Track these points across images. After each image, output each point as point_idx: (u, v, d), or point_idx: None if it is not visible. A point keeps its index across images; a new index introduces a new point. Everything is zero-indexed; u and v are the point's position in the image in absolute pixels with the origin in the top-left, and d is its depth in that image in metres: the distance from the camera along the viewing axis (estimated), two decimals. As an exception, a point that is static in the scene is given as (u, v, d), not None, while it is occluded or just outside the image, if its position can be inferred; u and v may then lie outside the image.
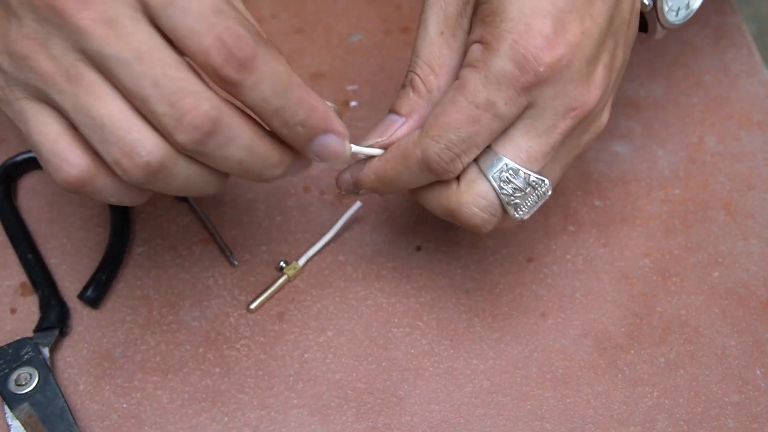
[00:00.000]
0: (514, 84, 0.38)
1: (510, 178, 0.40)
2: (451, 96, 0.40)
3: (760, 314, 0.50)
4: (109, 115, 0.35)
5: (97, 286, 0.49)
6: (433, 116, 0.40)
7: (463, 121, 0.39)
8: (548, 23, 0.38)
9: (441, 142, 0.39)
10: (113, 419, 0.46)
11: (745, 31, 0.61)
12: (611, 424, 0.47)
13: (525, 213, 0.41)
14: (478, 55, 0.39)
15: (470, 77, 0.39)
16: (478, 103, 0.39)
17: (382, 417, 0.47)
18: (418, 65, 0.42)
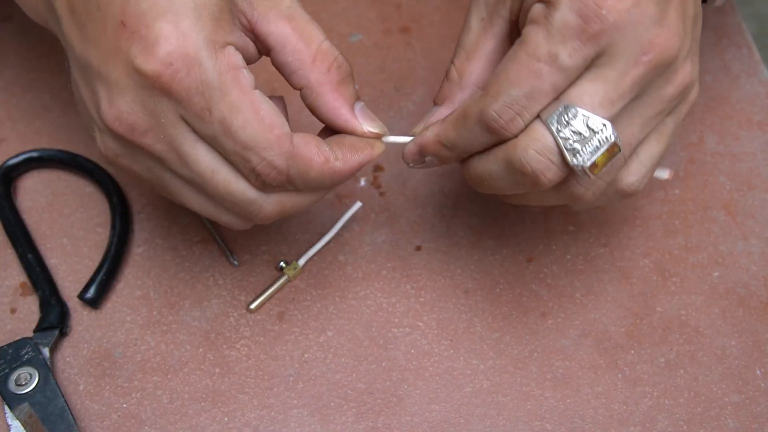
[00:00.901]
0: (579, 34, 0.37)
1: (568, 121, 0.38)
2: (511, 52, 0.39)
3: (760, 314, 0.50)
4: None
5: (97, 286, 0.49)
6: (493, 74, 0.39)
7: (523, 75, 0.38)
8: None
9: (500, 99, 0.38)
10: (113, 419, 0.46)
11: (745, 31, 0.61)
12: (611, 424, 0.47)
13: (584, 160, 0.38)
14: (539, 13, 0.38)
15: (531, 32, 0.38)
16: (539, 56, 0.37)
17: (382, 417, 0.47)
18: (456, 54, 0.43)
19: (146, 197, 0.54)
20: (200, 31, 0.37)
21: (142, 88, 0.37)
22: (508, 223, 0.53)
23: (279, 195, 0.41)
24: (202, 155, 0.39)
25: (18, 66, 0.59)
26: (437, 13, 0.62)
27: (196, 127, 0.38)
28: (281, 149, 0.38)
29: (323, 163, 0.40)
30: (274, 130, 0.38)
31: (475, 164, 0.42)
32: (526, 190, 0.41)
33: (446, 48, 0.60)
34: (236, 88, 0.38)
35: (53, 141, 0.56)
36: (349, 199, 0.54)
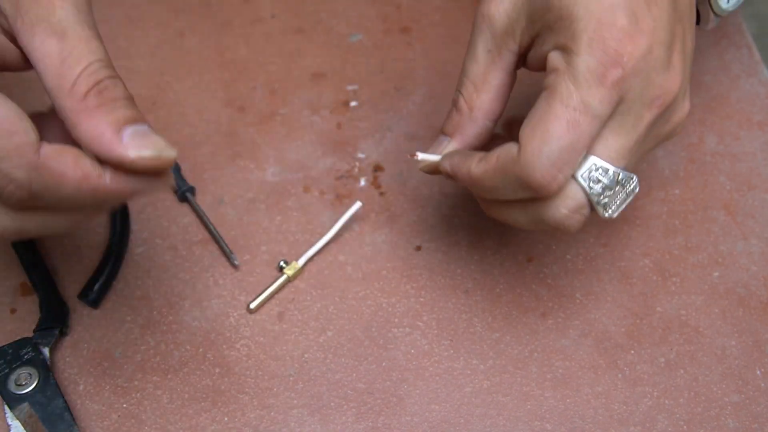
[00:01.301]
0: (603, 80, 0.37)
1: (600, 177, 0.39)
2: (544, 105, 0.38)
3: (760, 314, 0.50)
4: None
5: (97, 286, 0.49)
6: (528, 129, 0.38)
7: (563, 127, 0.37)
8: (621, 15, 0.37)
9: (543, 156, 0.38)
10: (113, 419, 0.46)
11: (745, 31, 0.61)
12: (611, 424, 0.47)
13: (614, 211, 0.40)
14: (560, 60, 0.38)
15: (558, 82, 0.38)
16: (574, 105, 0.37)
17: (382, 417, 0.47)
18: (463, 84, 0.43)
19: (146, 197, 0.54)
20: None
21: None
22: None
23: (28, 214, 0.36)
24: None
25: (18, 66, 0.59)
26: (437, 13, 0.62)
27: None
28: (21, 160, 0.33)
29: (80, 179, 0.34)
30: (12, 138, 0.33)
31: (499, 210, 0.43)
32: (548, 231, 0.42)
33: (446, 48, 0.60)
34: None
35: (53, 141, 0.56)
36: (349, 199, 0.54)
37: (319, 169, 0.55)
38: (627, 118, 0.39)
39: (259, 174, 0.55)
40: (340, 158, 0.56)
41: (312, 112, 0.58)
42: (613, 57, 0.37)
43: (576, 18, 0.38)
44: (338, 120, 0.57)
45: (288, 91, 0.59)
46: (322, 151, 0.56)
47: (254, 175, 0.55)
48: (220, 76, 0.59)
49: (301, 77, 0.59)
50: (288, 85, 0.59)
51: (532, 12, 0.40)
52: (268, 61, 0.60)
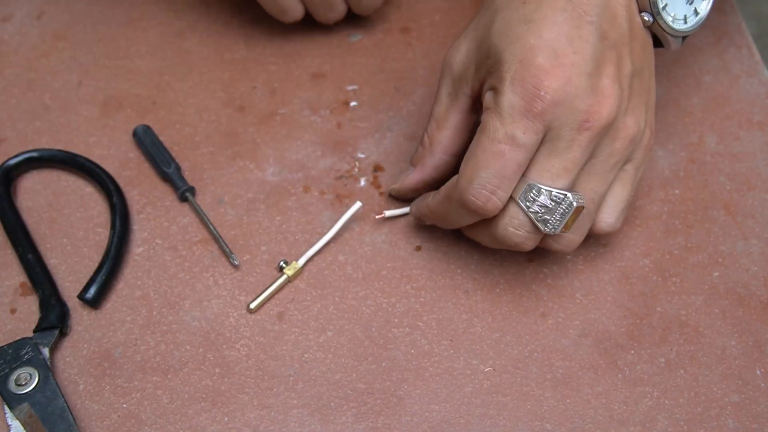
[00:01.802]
0: (526, 113, 0.42)
1: (534, 197, 0.43)
2: (475, 140, 0.44)
3: (760, 314, 0.50)
4: None
5: (97, 286, 0.49)
6: (464, 161, 0.44)
7: (489, 157, 0.43)
8: (541, 54, 0.42)
9: (474, 182, 0.43)
10: (113, 419, 0.46)
11: (745, 31, 0.61)
12: (611, 424, 0.47)
13: (555, 227, 0.44)
14: (491, 100, 0.43)
15: (488, 118, 0.43)
16: (499, 138, 0.42)
17: (382, 417, 0.47)
18: (429, 123, 0.50)
19: (146, 197, 0.54)
20: None
21: None
22: (508, 223, 0.53)
23: None
24: None
25: (18, 66, 0.59)
26: (437, 13, 0.62)
27: None
28: None
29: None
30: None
31: (470, 232, 0.49)
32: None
33: (446, 48, 0.60)
34: None
35: (53, 141, 0.56)
36: (349, 199, 0.54)
37: (319, 169, 0.55)
38: (557, 142, 0.43)
39: (259, 174, 0.55)
40: (340, 158, 0.56)
41: (312, 112, 0.58)
42: (532, 93, 0.42)
43: (503, 61, 0.43)
44: (338, 120, 0.57)
45: (288, 91, 0.59)
46: (322, 151, 0.56)
47: (254, 175, 0.55)
48: (220, 76, 0.59)
49: (301, 77, 0.59)
50: (288, 85, 0.59)
51: (478, 59, 0.45)
52: (268, 61, 0.60)
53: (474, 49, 0.46)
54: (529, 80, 0.42)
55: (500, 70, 0.43)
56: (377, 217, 0.52)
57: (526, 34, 0.42)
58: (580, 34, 0.42)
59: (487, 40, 0.44)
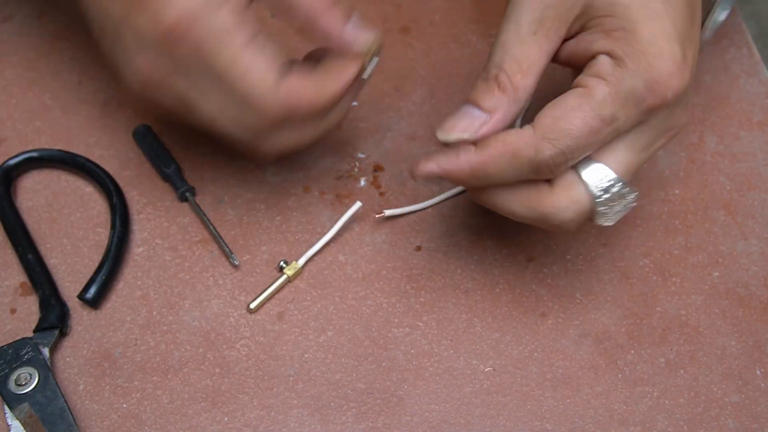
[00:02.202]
0: (640, 104, 0.39)
1: (609, 188, 0.41)
2: (575, 102, 0.39)
3: (760, 314, 0.50)
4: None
5: (97, 286, 0.49)
6: (551, 119, 0.39)
7: (585, 129, 0.39)
8: (677, 49, 0.39)
9: (558, 147, 0.39)
10: (113, 419, 0.46)
11: (745, 31, 0.61)
12: (611, 424, 0.47)
13: (610, 220, 0.42)
14: (608, 68, 0.39)
15: (600, 89, 0.39)
16: (603, 116, 0.39)
17: (382, 417, 0.47)
18: (505, 62, 0.41)
19: (146, 197, 0.54)
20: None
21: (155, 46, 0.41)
22: (508, 223, 0.53)
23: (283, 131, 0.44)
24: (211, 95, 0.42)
25: (18, 66, 0.59)
26: (437, 13, 0.62)
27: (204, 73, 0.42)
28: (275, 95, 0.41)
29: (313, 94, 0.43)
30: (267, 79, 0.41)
31: (496, 199, 0.43)
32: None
33: (446, 48, 0.60)
34: (233, 43, 0.41)
35: (53, 141, 0.56)
36: (349, 199, 0.54)
37: (319, 169, 0.55)
38: (642, 139, 0.41)
39: (259, 174, 0.55)
40: (340, 158, 0.56)
41: (312, 112, 0.58)
42: (659, 88, 0.39)
43: (639, 38, 0.39)
44: (338, 120, 0.57)
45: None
46: (322, 151, 0.56)
47: (254, 175, 0.55)
48: (220, 76, 0.59)
49: (301, 77, 0.59)
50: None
51: (590, 7, 0.40)
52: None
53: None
54: (663, 74, 0.39)
55: (634, 45, 0.39)
56: (377, 216, 0.52)
57: (664, 16, 0.39)
58: (694, 37, 0.40)
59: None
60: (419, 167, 0.43)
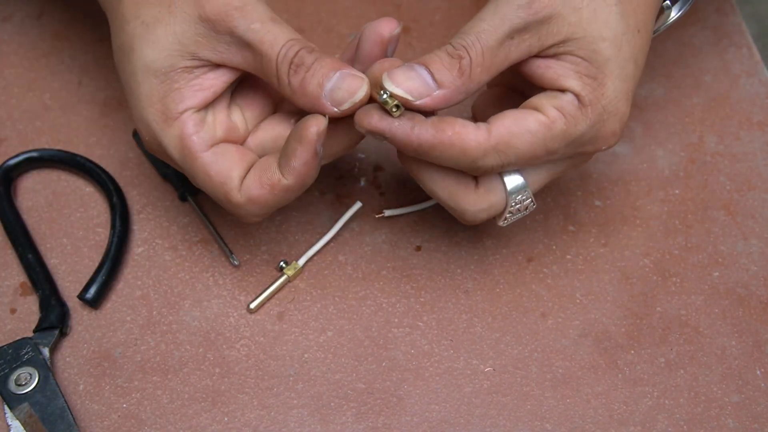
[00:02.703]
0: (579, 148, 0.43)
1: (522, 200, 0.44)
2: (533, 127, 0.41)
3: (760, 314, 0.50)
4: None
5: (97, 286, 0.49)
6: (508, 134, 0.41)
7: (530, 153, 0.42)
8: (627, 111, 0.43)
9: (503, 159, 0.42)
10: (113, 419, 0.46)
11: (745, 31, 0.61)
12: (611, 424, 0.47)
13: (507, 224, 0.46)
14: (572, 109, 0.42)
15: (558, 124, 0.41)
16: (550, 148, 0.42)
17: (382, 417, 0.47)
18: (474, 49, 0.41)
19: (146, 197, 0.54)
20: (150, 107, 0.43)
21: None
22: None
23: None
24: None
25: (18, 66, 0.59)
26: (437, 13, 0.62)
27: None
28: (233, 200, 0.43)
29: (270, 192, 0.43)
30: (223, 187, 0.43)
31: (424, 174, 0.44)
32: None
33: (446, 48, 0.60)
34: (188, 155, 0.43)
35: (53, 141, 0.56)
36: (349, 199, 0.54)
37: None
38: (560, 169, 0.45)
39: (259, 174, 0.55)
40: (340, 158, 0.56)
41: (312, 112, 0.58)
42: (600, 143, 0.43)
43: (605, 92, 0.42)
44: (338, 120, 0.57)
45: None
46: (322, 151, 0.56)
47: (254, 175, 0.55)
48: (220, 76, 0.59)
49: (301, 77, 0.59)
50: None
51: (572, 41, 0.41)
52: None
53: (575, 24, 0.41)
54: (608, 131, 0.43)
55: (600, 98, 0.41)
56: (377, 216, 0.52)
57: (631, 79, 0.42)
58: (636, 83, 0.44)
59: (596, 38, 0.41)
60: (370, 118, 0.41)
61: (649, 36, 0.44)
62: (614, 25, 0.41)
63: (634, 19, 0.42)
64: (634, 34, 0.42)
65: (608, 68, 0.41)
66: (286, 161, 0.42)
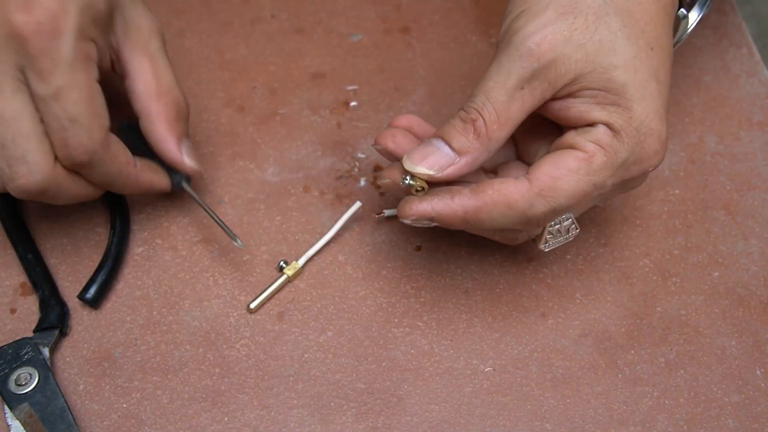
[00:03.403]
0: (625, 175, 0.42)
1: (560, 221, 0.44)
2: (574, 165, 0.41)
3: (760, 314, 0.50)
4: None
5: (97, 286, 0.49)
6: (549, 178, 0.41)
7: (579, 192, 0.41)
8: (664, 129, 0.42)
9: (551, 204, 0.41)
10: (113, 419, 0.46)
11: (745, 31, 0.61)
12: (611, 424, 0.47)
13: (548, 248, 0.45)
14: (607, 139, 0.41)
15: (598, 157, 0.41)
16: (597, 182, 0.41)
17: (382, 417, 0.47)
18: (486, 108, 0.41)
19: (146, 197, 0.54)
20: (78, 16, 0.42)
21: (5, 34, 0.42)
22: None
23: (73, 176, 0.45)
24: (15, 101, 0.43)
25: (18, 66, 0.59)
26: (437, 13, 0.62)
27: (31, 82, 0.42)
28: (98, 134, 0.44)
29: (125, 164, 0.46)
30: (99, 118, 0.44)
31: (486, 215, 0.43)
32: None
33: (446, 48, 0.60)
34: (84, 72, 0.43)
35: (53, 141, 0.56)
36: (349, 199, 0.54)
37: (319, 169, 0.55)
38: (604, 192, 0.43)
39: (259, 174, 0.55)
40: (340, 158, 0.56)
41: (312, 112, 0.58)
42: (645, 165, 0.42)
43: (634, 116, 0.41)
44: (338, 120, 0.57)
45: (288, 91, 0.59)
46: (322, 151, 0.56)
47: (254, 175, 0.55)
48: (220, 76, 0.59)
49: (301, 77, 0.59)
50: (288, 85, 0.59)
51: (583, 75, 0.41)
52: (268, 61, 0.60)
53: (579, 59, 0.41)
54: (648, 150, 0.42)
55: (630, 122, 0.41)
56: (377, 216, 0.52)
57: (657, 97, 0.42)
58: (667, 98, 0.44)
59: (606, 68, 0.41)
60: (410, 207, 0.42)
61: (666, 50, 0.43)
62: (623, 50, 0.41)
63: (644, 38, 0.42)
64: (647, 53, 0.42)
65: (628, 93, 0.41)
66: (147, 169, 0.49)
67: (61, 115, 0.42)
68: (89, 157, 0.44)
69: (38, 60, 0.42)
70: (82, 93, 0.43)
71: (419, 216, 0.42)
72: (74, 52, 0.42)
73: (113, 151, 0.45)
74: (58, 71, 0.42)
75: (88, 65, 0.43)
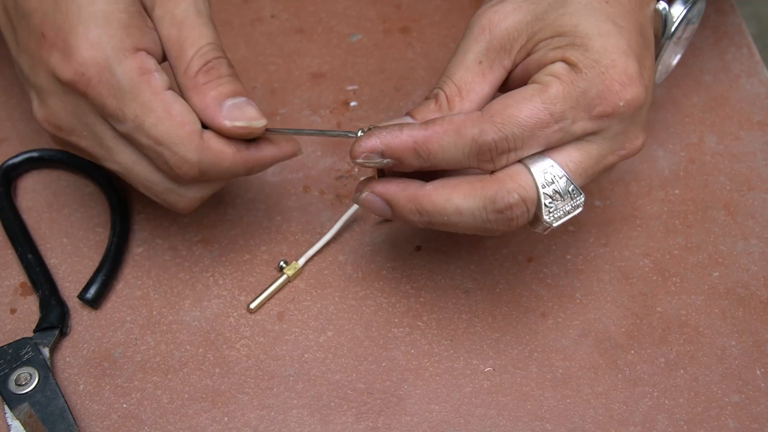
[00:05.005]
0: (591, 109, 0.40)
1: (554, 180, 0.41)
2: (528, 93, 0.40)
3: (760, 314, 0.50)
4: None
5: (97, 286, 0.49)
6: (502, 104, 0.40)
7: (532, 120, 0.39)
8: (632, 63, 0.40)
9: (503, 131, 0.39)
10: (113, 419, 0.46)
11: (745, 31, 0.61)
12: (611, 424, 0.47)
13: (555, 220, 0.41)
14: (564, 71, 0.40)
15: (554, 85, 0.40)
16: (553, 111, 0.40)
17: (382, 417, 0.47)
18: (446, 84, 0.43)
19: (146, 197, 0.54)
20: (109, 40, 0.40)
21: (64, 93, 0.41)
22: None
23: (198, 185, 0.44)
24: (122, 150, 0.43)
25: (18, 66, 0.59)
26: (437, 13, 0.62)
27: (115, 125, 0.41)
28: (192, 144, 0.41)
29: (235, 153, 0.43)
30: (185, 127, 0.41)
31: (440, 194, 0.41)
32: (485, 233, 0.42)
33: (446, 48, 0.60)
34: (147, 90, 0.41)
35: (53, 141, 0.56)
36: (349, 199, 0.54)
37: (319, 169, 0.55)
38: (592, 147, 0.41)
39: (259, 174, 0.55)
40: (340, 158, 0.56)
41: (312, 112, 0.58)
42: (612, 97, 0.40)
43: (593, 49, 0.40)
44: (338, 120, 0.57)
45: (288, 91, 0.59)
46: (322, 151, 0.56)
47: (254, 175, 0.55)
48: (220, 76, 0.59)
49: (301, 77, 0.59)
50: (288, 85, 0.59)
51: (534, 32, 0.42)
52: (268, 61, 0.60)
53: (530, 21, 0.42)
54: (615, 83, 0.40)
55: (587, 54, 0.40)
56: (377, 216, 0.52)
57: (616, 34, 0.40)
58: (649, 64, 0.42)
59: (556, 17, 0.41)
60: (359, 144, 0.41)
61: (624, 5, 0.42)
62: (573, 2, 0.41)
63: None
64: (600, 3, 0.41)
65: (581, 31, 0.41)
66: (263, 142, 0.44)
67: (148, 143, 0.41)
68: (197, 168, 0.42)
69: (104, 105, 0.40)
70: (155, 111, 0.40)
71: (369, 151, 0.41)
72: (128, 77, 0.40)
73: (217, 148, 0.42)
74: (125, 104, 0.40)
75: (147, 79, 0.41)
